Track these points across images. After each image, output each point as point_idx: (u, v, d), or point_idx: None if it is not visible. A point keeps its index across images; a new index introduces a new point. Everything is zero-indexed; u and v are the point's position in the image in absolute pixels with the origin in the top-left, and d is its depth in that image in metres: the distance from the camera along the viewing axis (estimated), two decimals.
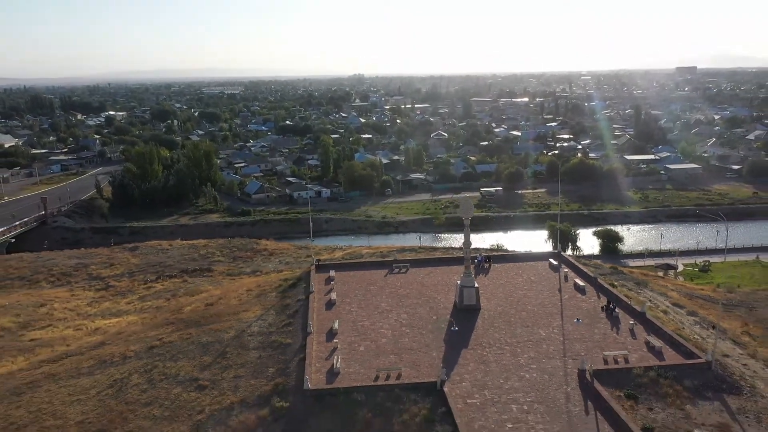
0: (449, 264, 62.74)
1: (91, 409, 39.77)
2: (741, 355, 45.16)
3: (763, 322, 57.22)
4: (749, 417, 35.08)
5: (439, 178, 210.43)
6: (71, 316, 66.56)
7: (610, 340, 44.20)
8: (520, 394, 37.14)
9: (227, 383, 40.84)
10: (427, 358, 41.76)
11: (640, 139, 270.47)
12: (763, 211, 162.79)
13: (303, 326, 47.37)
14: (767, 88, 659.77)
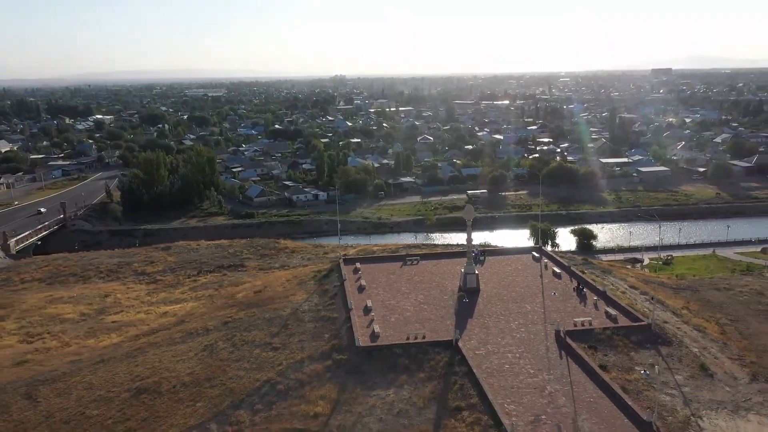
0: (452, 257, 77.18)
1: (195, 365, 53.30)
2: (677, 322, 60.00)
3: (701, 301, 72.20)
4: (673, 359, 49.84)
5: (427, 181, 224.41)
6: (136, 304, 79.56)
7: (578, 311, 58.88)
8: (513, 348, 51.54)
9: (294, 345, 54.64)
10: (443, 325, 55.98)
11: (615, 142, 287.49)
12: (723, 210, 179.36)
13: (344, 304, 61.28)
14: (738, 91, 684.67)
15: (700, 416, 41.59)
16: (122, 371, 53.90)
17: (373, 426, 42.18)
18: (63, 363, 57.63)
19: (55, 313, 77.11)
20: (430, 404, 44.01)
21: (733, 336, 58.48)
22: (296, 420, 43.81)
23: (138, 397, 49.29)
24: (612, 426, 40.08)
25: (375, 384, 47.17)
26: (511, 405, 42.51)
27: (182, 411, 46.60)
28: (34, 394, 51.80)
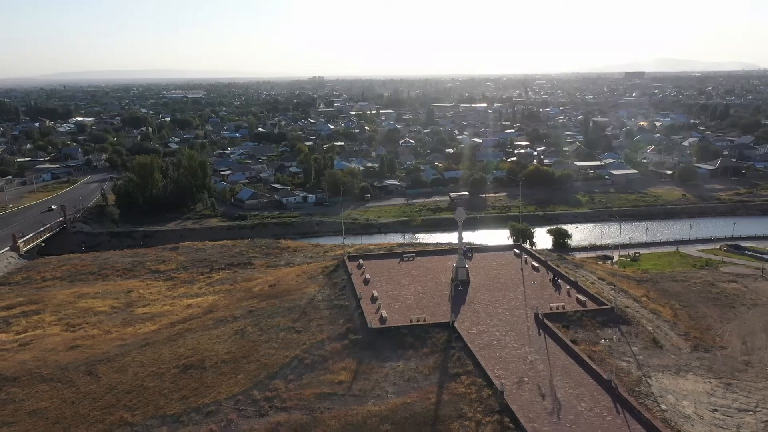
0: (443, 254, 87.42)
1: (230, 346, 62.59)
2: (636, 306, 70.81)
3: (659, 290, 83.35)
4: (631, 335, 60.51)
5: (411, 184, 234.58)
6: (160, 298, 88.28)
7: (554, 298, 69.38)
8: (500, 328, 61.76)
9: (314, 328, 64.19)
10: (440, 310, 66.01)
11: (589, 146, 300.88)
12: (688, 211, 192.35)
13: (353, 294, 70.96)
14: (707, 95, 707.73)
15: (650, 377, 52.12)
16: (167, 352, 62.99)
17: (389, 389, 51.96)
18: (112, 347, 66.44)
19: (87, 306, 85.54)
20: (434, 372, 53.93)
21: (683, 318, 69.49)
22: (324, 386, 53.40)
23: (186, 371, 58.48)
24: (580, 384, 50.41)
25: (387, 357, 56.96)
26: (500, 371, 52.58)
27: (226, 382, 55.90)
28: (95, 371, 60.70)
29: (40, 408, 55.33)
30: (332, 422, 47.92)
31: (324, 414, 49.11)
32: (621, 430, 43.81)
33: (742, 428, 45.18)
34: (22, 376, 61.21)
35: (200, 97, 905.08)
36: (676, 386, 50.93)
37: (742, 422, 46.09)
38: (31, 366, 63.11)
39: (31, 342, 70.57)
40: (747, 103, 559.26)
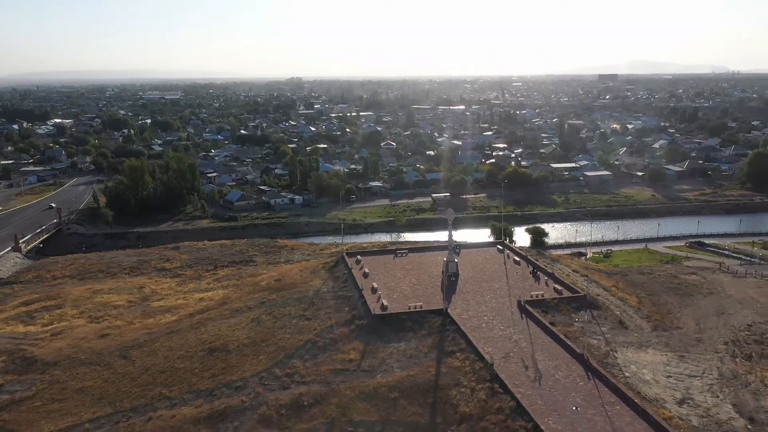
0: (433, 250, 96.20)
1: (249, 332, 70.23)
2: (606, 295, 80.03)
3: (627, 281, 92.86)
4: (600, 318, 69.62)
5: (394, 186, 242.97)
6: (172, 293, 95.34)
7: (534, 287, 78.30)
8: (487, 313, 70.39)
9: (323, 316, 72.12)
10: (434, 299, 74.46)
11: (564, 148, 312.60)
12: (656, 210, 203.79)
13: (355, 286, 79.04)
14: (678, 97, 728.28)
15: (616, 351, 61.13)
16: (192, 338, 70.45)
17: (394, 365, 60.19)
18: (139, 335, 73.63)
19: (105, 301, 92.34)
20: (432, 350, 62.29)
21: (647, 304, 78.96)
22: (337, 364, 61.43)
23: (212, 354, 66.07)
24: (557, 358, 59.21)
25: (390, 339, 65.18)
26: (489, 348, 61.11)
27: (250, 362, 63.63)
28: (128, 355, 67.96)
29: (85, 387, 62.50)
30: (348, 392, 56.02)
31: (340, 386, 57.18)
32: (591, 393, 52.62)
33: (690, 390, 54.27)
34: (61, 360, 68.21)
35: (178, 98, 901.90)
36: (638, 358, 59.99)
37: (691, 385, 55.21)
38: (68, 352, 70.10)
39: (62, 332, 77.38)
40: (715, 105, 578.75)
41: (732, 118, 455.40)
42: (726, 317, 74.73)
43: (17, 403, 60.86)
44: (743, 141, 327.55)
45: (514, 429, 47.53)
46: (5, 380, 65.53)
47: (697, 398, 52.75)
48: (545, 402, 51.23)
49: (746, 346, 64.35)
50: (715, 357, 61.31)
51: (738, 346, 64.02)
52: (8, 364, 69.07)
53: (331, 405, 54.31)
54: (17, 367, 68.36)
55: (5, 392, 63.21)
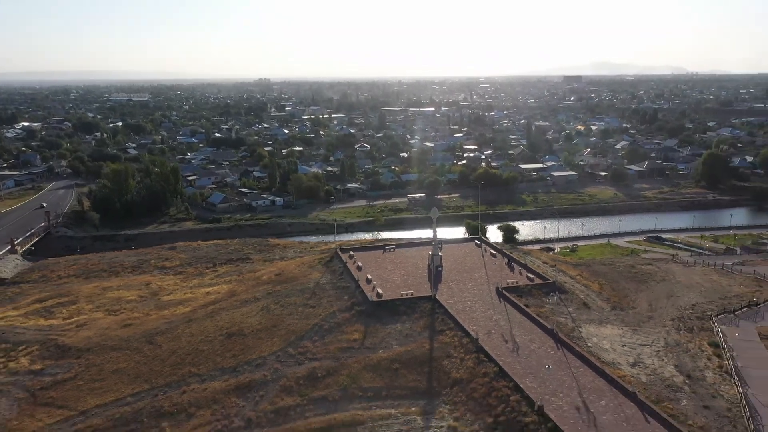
0: (418, 246, 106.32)
1: (260, 319, 79.14)
2: (572, 282, 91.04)
3: (590, 271, 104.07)
4: (567, 300, 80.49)
5: (371, 187, 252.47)
6: (179, 288, 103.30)
7: (509, 276, 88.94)
8: (470, 298, 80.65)
9: (325, 304, 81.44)
10: (423, 288, 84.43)
11: (532, 149, 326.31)
12: (618, 208, 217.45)
13: (351, 278, 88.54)
14: (639, 99, 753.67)
15: (580, 326, 71.92)
16: (209, 325, 79.10)
17: (393, 342, 69.92)
18: (159, 324, 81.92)
19: (117, 296, 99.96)
20: (424, 330, 72.21)
21: (607, 289, 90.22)
22: (343, 343, 70.88)
23: (230, 338, 74.89)
24: (531, 333, 69.74)
25: (387, 322, 74.88)
26: (473, 326, 71.20)
27: (265, 343, 72.66)
28: (154, 340, 76.33)
29: (120, 368, 70.78)
30: (355, 365, 65.56)
31: (347, 360, 66.68)
32: (560, 359, 63.17)
33: (641, 355, 65.21)
34: (93, 347, 76.23)
35: (146, 100, 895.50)
36: (599, 332, 70.86)
37: (642, 352, 66.17)
38: (98, 340, 78.10)
39: (86, 324, 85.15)
40: (674, 107, 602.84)
41: (689, 119, 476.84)
42: (674, 299, 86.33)
43: (61, 383, 68.89)
44: (699, 141, 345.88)
45: (498, 388, 57.66)
46: (45, 365, 73.39)
47: (646, 361, 63.70)
48: (523, 367, 61.58)
49: (689, 321, 75.78)
50: (663, 330, 72.52)
51: (682, 322, 75.41)
52: (43, 352, 76.83)
53: (342, 375, 63.79)
54: (52, 353, 76.18)
55: (47, 374, 71.15)
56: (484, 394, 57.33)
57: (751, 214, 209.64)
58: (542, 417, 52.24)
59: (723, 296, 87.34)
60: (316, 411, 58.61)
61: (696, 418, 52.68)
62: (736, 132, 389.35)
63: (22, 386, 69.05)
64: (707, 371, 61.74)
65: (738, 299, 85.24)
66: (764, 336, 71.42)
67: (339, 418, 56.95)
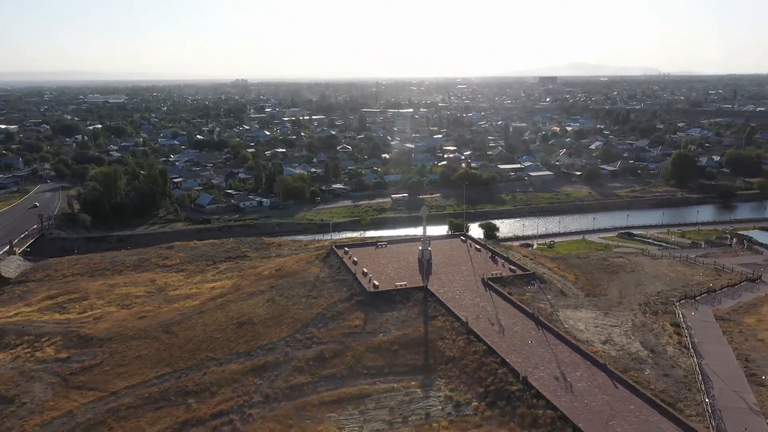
0: (408, 242, 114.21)
1: (267, 309, 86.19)
2: (550, 273, 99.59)
3: (566, 264, 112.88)
4: (546, 289, 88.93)
5: (355, 187, 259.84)
6: (183, 284, 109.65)
7: (493, 268, 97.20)
8: (459, 288, 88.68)
9: (327, 295, 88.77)
10: (415, 279, 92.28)
11: (509, 150, 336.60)
12: (592, 206, 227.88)
13: (348, 272, 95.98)
14: (612, 100, 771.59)
15: (558, 311, 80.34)
16: (220, 316, 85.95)
17: (391, 327, 77.52)
18: (173, 315, 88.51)
19: (125, 292, 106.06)
20: (419, 316, 79.99)
21: (582, 279, 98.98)
22: (345, 329, 78.29)
23: (241, 326, 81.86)
24: (515, 317, 77.96)
25: (384, 310, 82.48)
26: (463, 312, 79.12)
27: (274, 330, 79.78)
28: (170, 330, 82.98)
29: (142, 355, 77.37)
30: (358, 347, 73.06)
31: (351, 343, 74.15)
32: (541, 339, 71.46)
33: (611, 335, 73.76)
34: (113, 337, 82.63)
35: (123, 102, 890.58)
36: (574, 315, 79.34)
37: (612, 332, 74.75)
38: (117, 331, 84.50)
39: (102, 317, 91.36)
40: (646, 108, 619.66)
41: (660, 120, 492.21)
42: (642, 287, 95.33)
43: (88, 369, 75.33)
44: (669, 142, 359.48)
45: (487, 363, 65.64)
46: (70, 353, 79.68)
47: (615, 339, 72.25)
48: (508, 345, 69.69)
49: (654, 306, 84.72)
50: (631, 313, 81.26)
51: (648, 306, 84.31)
52: (66, 342, 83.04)
53: (348, 356, 71.24)
54: (75, 343, 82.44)
55: (74, 362, 77.48)
56: (475, 368, 65.27)
57: (716, 211, 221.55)
58: (526, 386, 60.31)
59: (685, 284, 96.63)
60: (326, 387, 65.97)
61: (657, 384, 61.21)
62: (705, 132, 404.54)
63: (53, 372, 75.31)
64: (668, 346, 70.49)
65: (698, 287, 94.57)
66: (719, 317, 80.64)
67: (348, 392, 64.40)
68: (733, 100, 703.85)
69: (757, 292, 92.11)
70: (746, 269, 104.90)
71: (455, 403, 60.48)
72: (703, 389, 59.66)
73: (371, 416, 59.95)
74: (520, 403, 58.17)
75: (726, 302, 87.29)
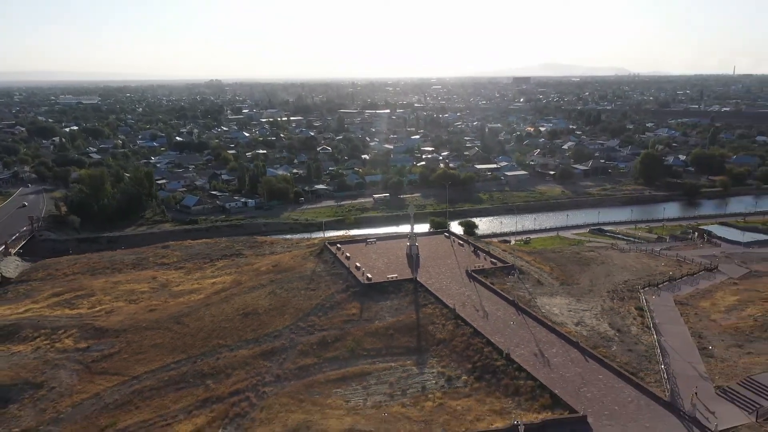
0: (395, 239, 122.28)
1: (269, 301, 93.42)
2: (528, 265, 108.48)
3: (542, 257, 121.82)
4: (524, 279, 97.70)
5: (338, 188, 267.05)
6: (185, 280, 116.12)
7: (476, 261, 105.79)
8: (445, 279, 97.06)
9: (324, 287, 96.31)
10: (405, 272, 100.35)
11: (486, 150, 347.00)
12: (566, 204, 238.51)
13: (342, 266, 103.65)
14: (584, 100, 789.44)
15: (535, 298, 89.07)
16: (227, 307, 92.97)
17: (386, 315, 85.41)
18: (181, 308, 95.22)
19: (129, 288, 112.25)
20: (410, 305, 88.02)
21: (556, 271, 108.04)
22: (344, 317, 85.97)
23: (247, 316, 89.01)
24: (497, 304, 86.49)
25: (378, 299, 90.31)
26: (450, 300, 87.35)
27: (278, 319, 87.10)
28: (181, 321, 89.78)
29: (157, 343, 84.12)
30: (357, 332, 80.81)
31: (350, 329, 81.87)
32: (521, 322, 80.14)
33: (583, 317, 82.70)
34: (127, 328, 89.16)
35: (97, 103, 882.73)
36: (550, 302, 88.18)
37: (584, 315, 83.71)
38: (130, 323, 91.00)
39: (113, 311, 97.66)
40: (616, 108, 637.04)
41: (630, 120, 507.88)
42: (611, 277, 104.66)
43: (108, 357, 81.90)
44: (638, 142, 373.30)
45: (474, 344, 73.93)
46: (89, 344, 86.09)
47: (587, 321, 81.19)
48: (492, 328, 78.13)
49: (621, 293, 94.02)
50: (600, 299, 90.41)
51: (616, 293, 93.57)
52: (83, 333, 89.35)
53: (348, 340, 78.95)
54: (92, 335, 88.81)
55: (94, 351, 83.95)
56: (464, 348, 73.53)
57: (682, 208, 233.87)
58: (509, 361, 68.71)
59: (650, 274, 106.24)
60: (331, 367, 73.60)
61: (622, 357, 70.13)
62: (672, 132, 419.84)
63: (75, 360, 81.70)
64: (632, 327, 79.61)
65: (661, 276, 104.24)
66: (678, 302, 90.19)
67: (351, 371, 72.11)
68: (699, 100, 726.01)
69: (713, 280, 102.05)
70: (705, 260, 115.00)
71: (447, 378, 68.61)
72: (661, 361, 68.68)
73: (373, 390, 67.75)
74: (504, 375, 66.54)
75: (685, 289, 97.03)
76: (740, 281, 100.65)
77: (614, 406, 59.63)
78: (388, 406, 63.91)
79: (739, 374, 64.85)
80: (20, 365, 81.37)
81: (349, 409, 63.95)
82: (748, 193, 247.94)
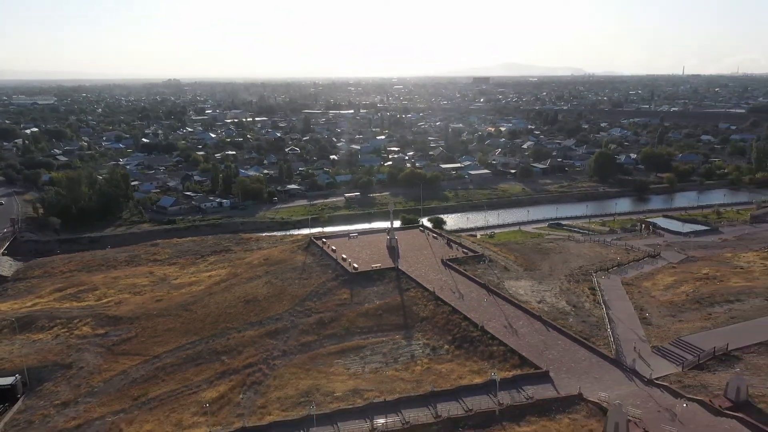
0: (375, 233, 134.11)
1: (267, 290, 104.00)
2: (496, 255, 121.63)
3: (507, 248, 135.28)
4: (493, 266, 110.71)
5: (309, 188, 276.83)
6: (181, 275, 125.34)
7: (450, 252, 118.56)
8: (423, 267, 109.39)
9: (316, 276, 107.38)
10: (387, 262, 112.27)
11: (449, 150, 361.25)
12: (526, 201, 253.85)
13: (330, 258, 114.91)
14: (542, 101, 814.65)
15: (503, 282, 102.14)
16: (229, 296, 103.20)
17: (374, 298, 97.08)
18: (186, 298, 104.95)
19: (131, 282, 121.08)
20: (394, 289, 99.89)
21: (520, 259, 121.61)
22: (336, 301, 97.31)
23: (248, 303, 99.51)
24: (470, 287, 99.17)
25: (366, 286, 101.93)
26: (430, 285, 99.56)
27: (277, 305, 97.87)
28: (189, 308, 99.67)
29: (170, 328, 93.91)
30: (350, 314, 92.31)
31: (344, 311, 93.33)
32: (492, 301, 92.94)
33: (544, 297, 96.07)
34: (140, 316, 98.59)
35: (53, 103, 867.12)
36: (516, 285, 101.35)
37: (545, 295, 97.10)
38: (140, 311, 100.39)
39: (121, 302, 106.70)
40: (572, 108, 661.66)
41: (585, 120, 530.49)
42: (568, 264, 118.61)
43: (127, 341, 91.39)
44: (593, 141, 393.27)
45: (453, 320, 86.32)
46: (106, 330, 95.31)
47: (547, 300, 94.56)
48: (468, 306, 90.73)
49: (577, 276, 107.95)
50: (559, 282, 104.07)
51: (572, 277, 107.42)
52: (98, 322, 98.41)
53: (343, 320, 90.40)
54: (107, 322, 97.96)
55: (112, 336, 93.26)
56: (444, 323, 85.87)
57: (632, 202, 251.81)
58: (484, 332, 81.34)
59: (601, 261, 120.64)
60: (330, 342, 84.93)
61: (577, 327, 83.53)
62: (624, 132, 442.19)
63: (96, 344, 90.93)
64: (586, 303, 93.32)
65: (611, 262, 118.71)
66: (625, 283, 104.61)
67: (348, 345, 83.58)
68: (650, 100, 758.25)
69: (655, 265, 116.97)
70: (649, 248, 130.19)
71: (432, 347, 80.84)
72: (609, 328, 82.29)
73: (369, 360, 79.42)
74: (480, 343, 79.10)
75: (631, 272, 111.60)
76: (678, 265, 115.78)
77: (571, 364, 72.76)
78: (384, 371, 75.64)
79: (671, 337, 78.89)
80: (45, 350, 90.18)
81: (351, 375, 75.44)
82: (692, 189, 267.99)
